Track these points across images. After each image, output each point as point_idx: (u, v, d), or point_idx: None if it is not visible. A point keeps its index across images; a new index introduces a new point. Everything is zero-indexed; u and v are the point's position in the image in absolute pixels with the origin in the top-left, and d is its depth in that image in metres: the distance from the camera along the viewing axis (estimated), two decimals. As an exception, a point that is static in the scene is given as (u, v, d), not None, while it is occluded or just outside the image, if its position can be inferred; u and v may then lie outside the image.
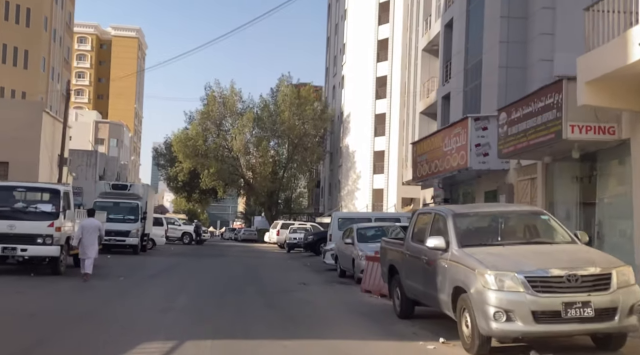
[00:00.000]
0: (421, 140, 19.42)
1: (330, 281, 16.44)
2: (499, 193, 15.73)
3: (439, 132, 17.55)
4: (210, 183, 54.23)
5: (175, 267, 20.36)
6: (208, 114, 56.63)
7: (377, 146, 54.96)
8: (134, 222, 26.06)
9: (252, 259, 28.24)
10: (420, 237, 8.58)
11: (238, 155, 57.98)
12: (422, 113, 32.79)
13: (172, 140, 56.39)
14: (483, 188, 17.40)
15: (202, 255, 29.71)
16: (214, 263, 23.48)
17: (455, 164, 16.30)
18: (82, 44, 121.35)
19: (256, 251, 37.98)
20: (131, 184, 27.11)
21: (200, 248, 38.43)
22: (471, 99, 25.04)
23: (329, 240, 24.46)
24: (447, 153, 16.80)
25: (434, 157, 18.10)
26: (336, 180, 61.96)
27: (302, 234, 36.51)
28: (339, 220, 24.69)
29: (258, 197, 58.17)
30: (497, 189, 15.97)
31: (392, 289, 9.89)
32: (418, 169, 19.31)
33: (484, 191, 17.33)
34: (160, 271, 18.52)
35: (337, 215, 24.82)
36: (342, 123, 60.49)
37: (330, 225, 24.74)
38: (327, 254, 20.37)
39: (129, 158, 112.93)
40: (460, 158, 15.91)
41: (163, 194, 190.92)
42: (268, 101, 59.49)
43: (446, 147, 16.88)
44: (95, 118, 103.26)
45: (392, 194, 53.41)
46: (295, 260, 27.81)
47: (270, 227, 44.16)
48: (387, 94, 54.29)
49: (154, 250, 31.16)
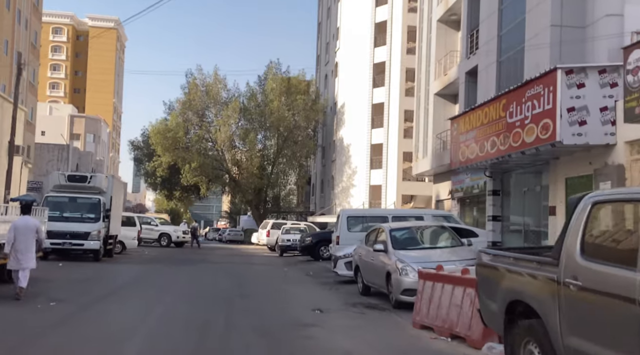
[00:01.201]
0: (466, 112, 14.81)
1: (354, 303, 11.77)
2: (599, 179, 11.12)
3: (499, 98, 12.94)
4: (192, 179, 49.26)
5: (141, 281, 15.55)
6: (189, 103, 51.64)
7: (375, 139, 50.40)
8: (94, 221, 21.20)
9: (241, 265, 23.46)
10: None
11: (222, 148, 53.05)
12: (438, 94, 28.24)
13: (149, 131, 51.28)
14: (564, 173, 12.81)
15: (180, 261, 24.87)
16: (192, 273, 18.68)
17: (532, 138, 11.74)
18: (57, 35, 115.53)
19: (244, 255, 33.18)
20: (92, 175, 22.23)
21: (180, 252, 33.52)
22: (508, 71, 20.52)
23: (336, 243, 19.81)
24: (516, 125, 12.24)
25: (488, 134, 13.53)
26: (329, 177, 57.29)
27: (297, 235, 31.86)
28: (349, 219, 20.05)
29: (244, 194, 53.28)
30: (595, 173, 11.38)
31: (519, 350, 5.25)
32: (460, 152, 14.68)
33: (564, 177, 12.74)
34: (117, 288, 13.69)
35: (345, 213, 20.16)
36: (335, 114, 55.82)
37: (338, 226, 20.06)
38: (341, 263, 15.72)
39: (107, 154, 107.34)
40: (543, 129, 11.37)
41: (145, 193, 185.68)
42: (255, 90, 54.67)
43: (513, 116, 12.32)
44: (70, 112, 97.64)
45: (391, 191, 48.92)
46: (293, 266, 23.09)
47: (260, 227, 39.41)
48: (386, 82, 49.74)
49: (122, 256, 26.28)
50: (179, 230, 38.45)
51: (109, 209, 22.31)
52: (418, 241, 11.93)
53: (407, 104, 48.97)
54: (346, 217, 20.00)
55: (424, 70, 30.00)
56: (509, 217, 15.71)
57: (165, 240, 37.57)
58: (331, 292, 13.99)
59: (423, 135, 29.64)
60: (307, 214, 60.01)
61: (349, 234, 19.67)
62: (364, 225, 20.37)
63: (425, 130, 29.32)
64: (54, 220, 20.43)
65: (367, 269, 12.56)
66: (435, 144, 28.02)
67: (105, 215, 21.65)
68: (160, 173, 50.05)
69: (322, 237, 26.91)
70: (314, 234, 27.62)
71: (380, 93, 50.20)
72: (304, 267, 22.94)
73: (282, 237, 32.30)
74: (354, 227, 20.20)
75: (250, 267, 22.81)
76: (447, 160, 26.15)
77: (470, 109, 14.79)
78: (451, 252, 11.11)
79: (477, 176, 24.30)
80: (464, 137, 14.50)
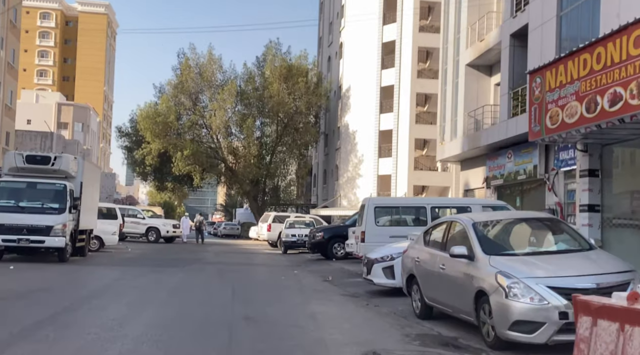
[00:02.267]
0: (558, 60, 10.67)
1: (420, 337, 7.66)
2: None
3: (616, 35, 8.88)
4: (185, 168, 45.01)
5: (106, 294, 11.40)
6: (182, 85, 47.35)
7: (384, 125, 46.32)
8: (58, 213, 17.08)
9: (241, 267, 19.36)
10: None
11: (218, 135, 48.85)
12: (470, 65, 24.13)
13: (137, 116, 46.95)
14: None
15: (167, 261, 20.77)
16: (180, 279, 14.57)
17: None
18: (45, 21, 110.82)
19: (243, 252, 29.10)
20: (57, 156, 18.05)
21: (169, 248, 29.40)
22: (573, 26, 16.45)
23: (361, 240, 15.77)
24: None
25: (593, 89, 9.43)
26: (332, 166, 53.18)
27: (304, 230, 27.83)
28: (376, 210, 16.00)
29: (241, 185, 49.07)
30: None
31: None
32: (549, 117, 10.58)
33: None
34: (66, 307, 9.49)
35: (373, 202, 16.09)
36: (340, 99, 51.66)
37: (363, 218, 16.00)
38: (377, 268, 11.66)
39: (97, 145, 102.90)
40: None
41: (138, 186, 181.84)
42: (253, 72, 50.39)
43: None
44: (58, 100, 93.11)
45: (401, 181, 44.93)
46: (303, 268, 19.02)
47: (259, 221, 35.31)
48: (396, 62, 45.61)
49: (99, 254, 22.19)
50: (169, 224, 34.32)
51: (79, 197, 18.17)
52: (520, 242, 7.84)
53: (420, 87, 44.91)
54: (373, 208, 15.97)
55: (452, 39, 25.86)
56: (612, 207, 11.76)
57: (153, 235, 33.42)
58: (372, 312, 9.90)
59: (451, 115, 25.56)
60: (308, 207, 55.90)
61: (377, 228, 15.72)
62: (393, 217, 16.37)
63: (454, 108, 25.26)
64: (6, 211, 16.54)
65: (432, 282, 8.47)
66: (467, 123, 23.95)
67: (72, 205, 17.51)
68: (149, 161, 45.81)
69: (335, 232, 22.87)
70: (325, 228, 23.55)
71: (389, 75, 46.08)
72: (317, 268, 18.87)
73: (286, 231, 28.23)
74: (382, 219, 16.17)
75: (253, 269, 18.72)
76: (483, 141, 22.10)
77: (562, 57, 10.71)
78: (583, 259, 7.05)
79: (523, 159, 20.28)
80: (553, 96, 10.46)
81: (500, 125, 20.83)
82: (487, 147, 22.41)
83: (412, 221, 16.18)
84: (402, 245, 11.78)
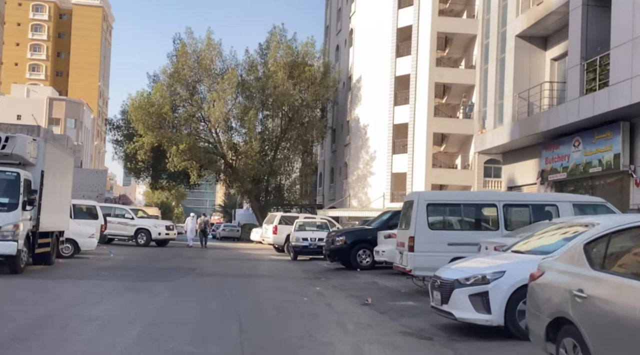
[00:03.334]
0: None
1: None
2: None
3: None
4: (180, 164, 40.95)
5: (35, 337, 7.22)
6: (178, 74, 43.30)
7: (398, 118, 42.34)
8: (8, 209, 13.03)
9: (246, 280, 15.29)
10: None
11: (217, 128, 44.81)
12: (522, 37, 20.13)
13: (128, 106, 42.85)
14: None
15: (154, 271, 16.70)
16: (163, 305, 10.40)
17: None
18: (38, 13, 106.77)
19: (245, 258, 25.04)
20: (9, 136, 13.94)
21: (160, 253, 25.31)
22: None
23: (408, 249, 11.78)
24: None
25: None
26: (341, 164, 49.15)
27: (317, 233, 23.88)
28: (429, 208, 11.94)
29: (242, 183, 44.96)
30: None
31: None
32: None
33: None
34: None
35: (424, 198, 11.97)
36: (349, 90, 47.65)
37: (411, 219, 11.93)
38: (461, 296, 7.59)
39: (91, 142, 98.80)
40: None
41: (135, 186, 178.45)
42: (255, 61, 46.35)
43: None
44: (50, 94, 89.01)
45: (418, 179, 40.92)
46: (324, 282, 14.94)
47: (264, 222, 31.25)
48: (412, 50, 41.65)
49: (71, 262, 18.15)
50: (161, 225, 30.21)
51: (38, 190, 14.09)
52: None
53: (439, 76, 40.95)
54: (425, 206, 11.87)
55: (495, 7, 21.82)
56: None
57: (142, 238, 29.33)
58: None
59: (494, 97, 21.52)
60: (313, 208, 51.80)
61: (431, 233, 11.70)
62: (452, 218, 12.35)
63: (498, 89, 21.24)
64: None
65: (623, 341, 4.42)
66: (517, 106, 19.94)
67: (28, 201, 13.44)
68: (142, 156, 41.75)
69: (359, 236, 18.82)
70: (346, 231, 19.44)
71: (405, 63, 42.11)
72: (342, 283, 14.83)
73: (296, 235, 24.16)
74: (437, 221, 12.13)
75: (261, 283, 14.64)
76: (542, 126, 18.10)
77: None
78: None
79: (598, 147, 16.27)
80: None
81: (568, 105, 16.84)
82: (544, 135, 18.46)
83: (478, 224, 12.17)
84: (501, 262, 7.79)
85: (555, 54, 19.40)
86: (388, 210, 24.61)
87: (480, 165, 40.61)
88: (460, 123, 41.80)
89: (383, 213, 20.40)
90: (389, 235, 16.44)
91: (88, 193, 47.00)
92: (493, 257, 8.51)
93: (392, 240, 16.20)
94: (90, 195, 46.24)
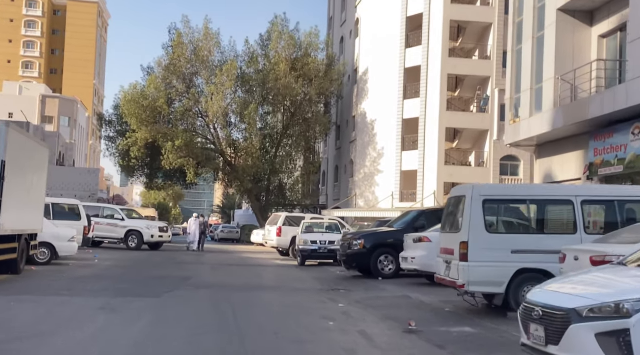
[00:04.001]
0: None
1: None
2: None
3: None
4: (176, 161, 38.33)
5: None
6: (173, 66, 40.69)
7: (408, 112, 39.79)
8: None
9: (250, 294, 12.69)
10: None
11: (215, 124, 42.22)
12: (565, 11, 17.56)
13: (120, 99, 40.18)
14: None
15: (138, 283, 14.11)
16: (143, 336, 7.83)
17: None
18: (31, 9, 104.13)
19: (247, 264, 22.44)
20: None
21: (151, 259, 22.71)
22: None
23: (460, 258, 9.21)
24: None
25: None
26: (346, 161, 46.60)
27: (328, 235, 21.36)
28: (486, 205, 9.39)
29: (242, 182, 42.36)
30: None
31: None
32: None
33: None
34: None
35: (479, 192, 9.32)
36: (355, 84, 45.10)
37: (463, 220, 9.34)
38: (584, 335, 5.01)
39: (85, 141, 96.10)
40: None
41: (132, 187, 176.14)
42: (256, 52, 43.77)
43: None
44: (43, 92, 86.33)
45: (429, 178, 38.43)
46: (348, 297, 12.34)
47: (267, 224, 28.66)
48: (423, 39, 39.11)
49: (45, 269, 15.57)
50: (154, 227, 27.58)
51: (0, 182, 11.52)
52: None
53: (452, 67, 38.42)
54: (481, 202, 9.28)
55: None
56: None
57: (134, 241, 26.73)
58: None
59: (531, 82, 18.96)
60: (317, 208, 49.17)
61: (490, 237, 9.09)
62: (515, 219, 9.79)
63: (536, 71, 18.68)
64: None
65: None
66: (560, 90, 17.38)
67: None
68: (135, 153, 39.13)
69: (380, 239, 16.21)
70: (365, 234, 16.80)
71: (415, 54, 39.56)
72: (366, 297, 12.26)
73: (303, 237, 21.58)
74: (496, 222, 9.56)
75: (270, 298, 12.02)
76: (593, 111, 15.53)
77: None
78: None
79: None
80: None
81: (629, 85, 14.28)
82: (593, 122, 15.91)
83: (549, 225, 9.58)
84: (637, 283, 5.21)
85: (604, 29, 16.88)
86: (412, 209, 22.09)
87: (496, 163, 38.08)
88: (474, 117, 39.31)
89: (406, 213, 17.84)
90: (419, 239, 13.90)
91: (80, 193, 44.47)
92: (612, 273, 5.92)
93: (424, 245, 13.71)
94: (82, 195, 43.67)
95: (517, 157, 38.00)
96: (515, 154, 38.01)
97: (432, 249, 13.52)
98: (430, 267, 13.62)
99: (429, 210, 17.22)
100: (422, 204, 37.44)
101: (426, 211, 16.94)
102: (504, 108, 39.79)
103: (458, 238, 9.39)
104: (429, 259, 13.52)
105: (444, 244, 10.24)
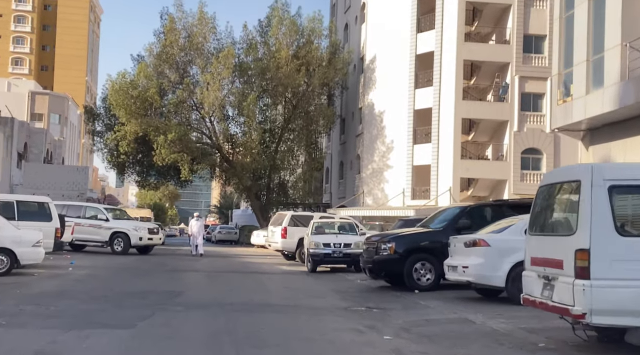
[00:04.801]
0: None
1: None
2: None
3: None
4: (169, 156, 35.20)
5: None
6: (165, 54, 37.59)
7: (420, 102, 36.76)
8: None
9: (255, 316, 9.56)
10: None
11: (211, 116, 39.13)
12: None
13: (108, 89, 37.02)
14: None
15: (112, 301, 10.99)
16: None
17: None
18: (21, 4, 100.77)
19: (249, 270, 19.29)
20: None
21: (137, 266, 19.57)
22: None
23: (580, 274, 5.99)
24: None
25: None
26: (352, 157, 43.52)
27: (341, 237, 18.33)
28: (613, 192, 6.24)
29: (241, 179, 39.28)
30: None
31: None
32: None
33: None
34: None
35: (602, 175, 6.28)
36: (362, 73, 42.03)
37: (579, 217, 6.26)
38: None
39: (77, 139, 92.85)
40: None
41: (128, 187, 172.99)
42: (255, 39, 40.71)
43: None
44: (33, 88, 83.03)
45: (444, 172, 35.43)
46: (385, 320, 9.25)
47: (270, 224, 25.57)
48: (437, 23, 36.12)
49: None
50: (143, 228, 24.41)
51: None
52: None
53: (468, 53, 35.40)
54: (607, 190, 6.19)
55: None
56: None
57: (120, 244, 23.61)
58: None
59: (587, 52, 15.88)
60: (320, 207, 46.02)
61: (623, 242, 5.92)
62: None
63: (594, 41, 15.61)
64: None
65: None
66: (628, 59, 14.32)
67: None
68: (124, 148, 36.01)
69: (413, 243, 13.10)
70: (395, 236, 13.61)
71: (428, 39, 36.54)
72: (411, 321, 9.20)
73: (314, 239, 18.48)
74: (629, 220, 6.44)
75: (284, 325, 8.86)
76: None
77: None
78: None
79: None
80: None
81: None
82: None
83: None
84: None
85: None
86: (453, 205, 19.04)
87: (517, 156, 35.02)
88: (492, 107, 36.32)
89: (443, 209, 14.76)
90: (473, 243, 10.82)
91: (68, 192, 41.52)
92: None
93: (480, 251, 10.66)
94: (70, 195, 40.67)
95: (539, 150, 35.03)
96: (537, 147, 35.08)
97: (491, 256, 10.51)
98: (490, 279, 10.61)
99: (474, 206, 14.14)
100: (436, 201, 34.44)
101: (471, 207, 13.83)
102: (524, 96, 37.12)
103: (570, 244, 6.30)
104: (487, 268, 10.51)
105: (536, 251, 7.15)
